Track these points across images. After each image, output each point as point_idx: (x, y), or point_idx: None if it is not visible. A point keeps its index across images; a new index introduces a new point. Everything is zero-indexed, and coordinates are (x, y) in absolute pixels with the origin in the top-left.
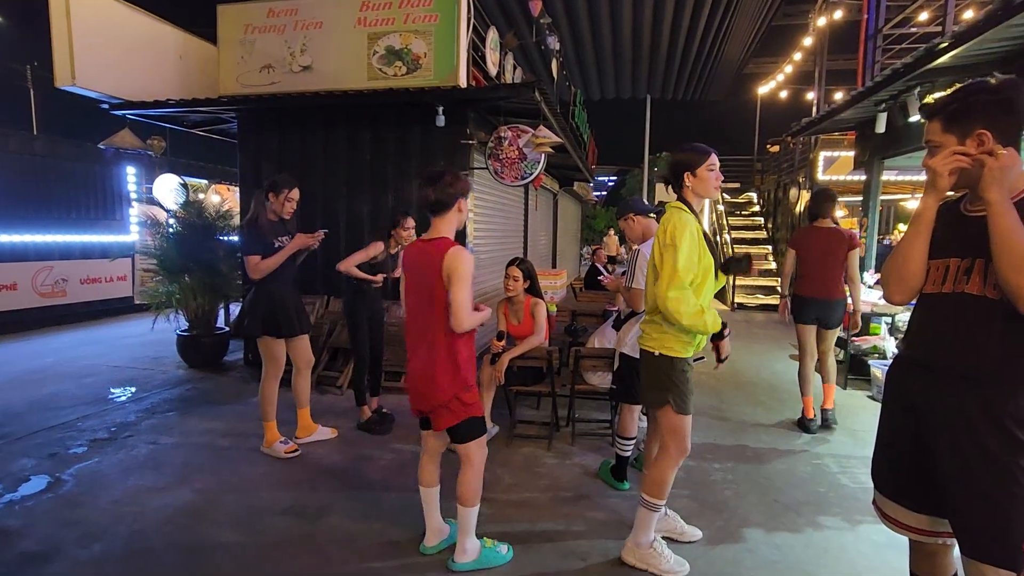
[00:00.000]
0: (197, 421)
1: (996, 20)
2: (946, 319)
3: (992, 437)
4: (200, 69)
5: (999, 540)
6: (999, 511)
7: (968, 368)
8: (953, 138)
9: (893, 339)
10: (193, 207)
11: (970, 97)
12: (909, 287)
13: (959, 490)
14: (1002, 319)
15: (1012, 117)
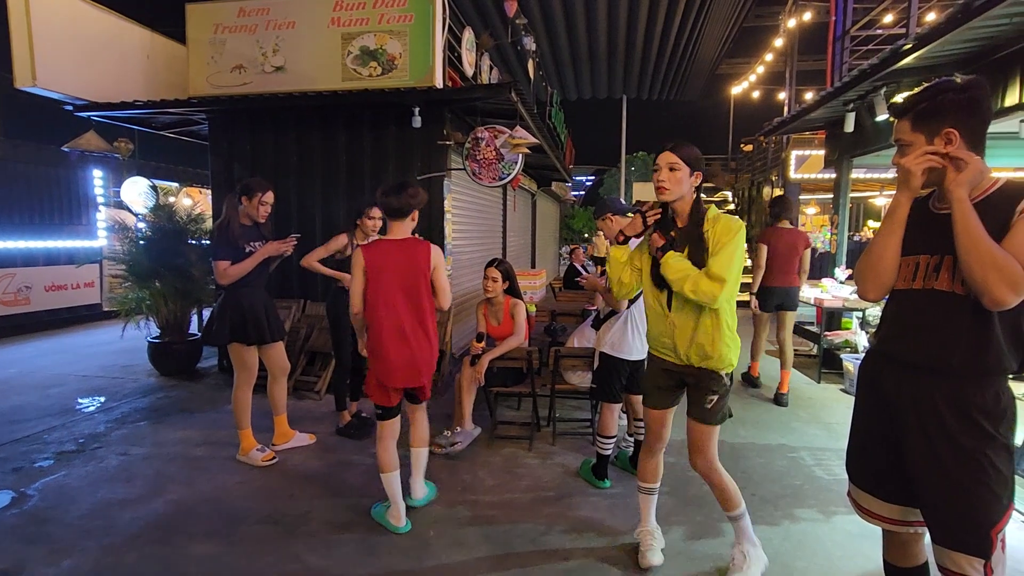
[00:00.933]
0: (170, 430)
1: (957, 23)
2: (916, 314)
3: (961, 428)
4: (168, 69)
5: (969, 528)
6: (968, 500)
7: (937, 362)
8: (922, 136)
9: (864, 333)
10: (163, 211)
11: (938, 96)
12: (882, 283)
13: (930, 480)
14: (970, 314)
15: (978, 116)
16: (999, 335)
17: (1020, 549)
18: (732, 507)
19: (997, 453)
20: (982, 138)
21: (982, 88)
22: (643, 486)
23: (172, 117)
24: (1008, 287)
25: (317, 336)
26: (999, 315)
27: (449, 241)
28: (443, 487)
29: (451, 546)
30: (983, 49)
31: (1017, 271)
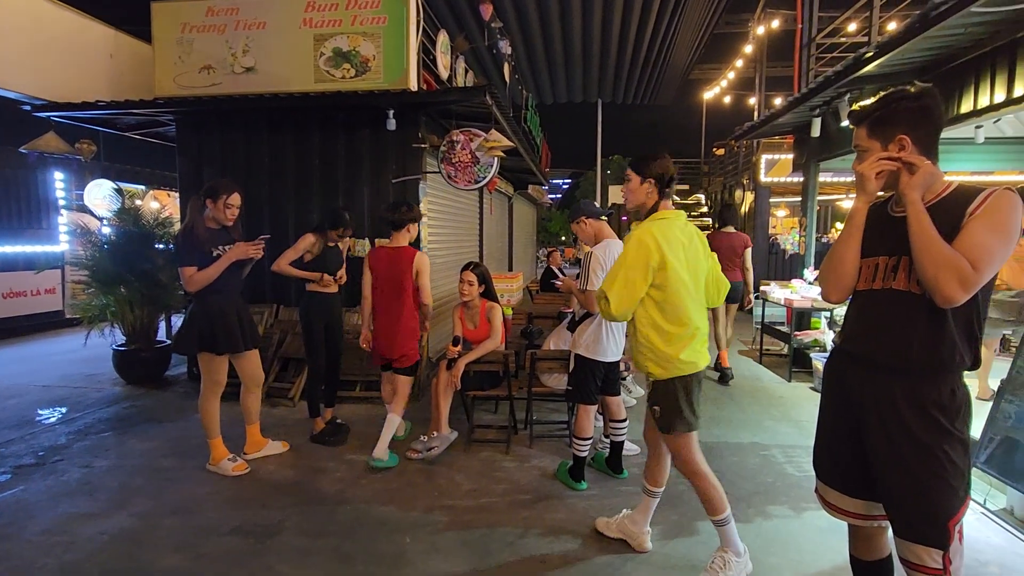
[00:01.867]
0: (136, 441)
1: (915, 32)
2: (876, 314)
3: (919, 424)
4: (133, 69)
5: (928, 521)
6: (927, 493)
7: (896, 359)
8: (877, 143)
9: (832, 332)
10: (129, 214)
11: (892, 104)
12: (844, 286)
13: (890, 475)
14: (926, 313)
15: (929, 123)
16: (953, 332)
17: (977, 539)
18: (714, 512)
19: (953, 447)
20: (934, 144)
21: (933, 97)
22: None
23: (137, 118)
24: (958, 284)
25: (291, 342)
26: (953, 313)
27: (425, 244)
28: (419, 493)
29: (428, 552)
30: (940, 57)
31: (966, 269)
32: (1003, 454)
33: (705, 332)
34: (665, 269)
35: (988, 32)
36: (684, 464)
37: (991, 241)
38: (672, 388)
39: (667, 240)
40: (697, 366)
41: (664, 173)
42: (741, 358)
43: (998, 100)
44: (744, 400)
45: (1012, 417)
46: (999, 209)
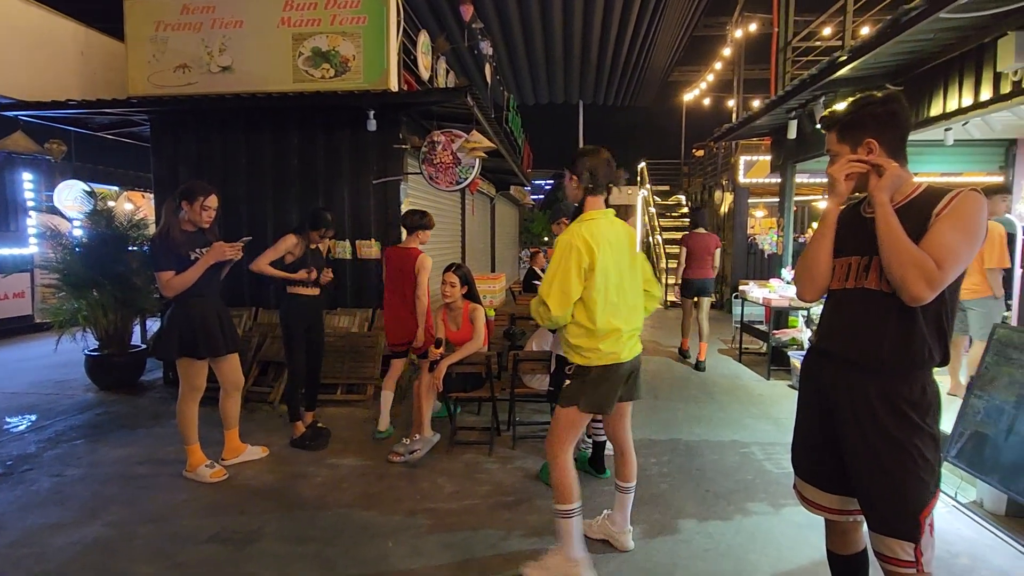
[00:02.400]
0: (109, 448)
1: (886, 37)
2: (849, 313)
3: (891, 419)
4: (105, 67)
5: (900, 515)
6: (899, 488)
7: (869, 357)
8: (847, 147)
9: (809, 331)
10: (102, 216)
11: (860, 110)
12: (817, 285)
13: (864, 470)
14: (897, 311)
15: (896, 127)
16: (924, 330)
17: (948, 531)
18: (557, 500)
19: (924, 442)
20: (902, 147)
21: (899, 102)
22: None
23: (110, 117)
24: (924, 283)
25: (270, 345)
26: (923, 311)
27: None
28: (402, 496)
29: (410, 556)
30: (911, 62)
31: (931, 268)
32: (973, 448)
33: (631, 330)
34: (593, 270)
35: (956, 38)
36: (552, 439)
37: (956, 241)
38: (587, 372)
39: (596, 241)
40: (619, 357)
41: (592, 170)
42: (721, 357)
43: (965, 104)
44: (724, 399)
45: (981, 412)
46: (964, 209)
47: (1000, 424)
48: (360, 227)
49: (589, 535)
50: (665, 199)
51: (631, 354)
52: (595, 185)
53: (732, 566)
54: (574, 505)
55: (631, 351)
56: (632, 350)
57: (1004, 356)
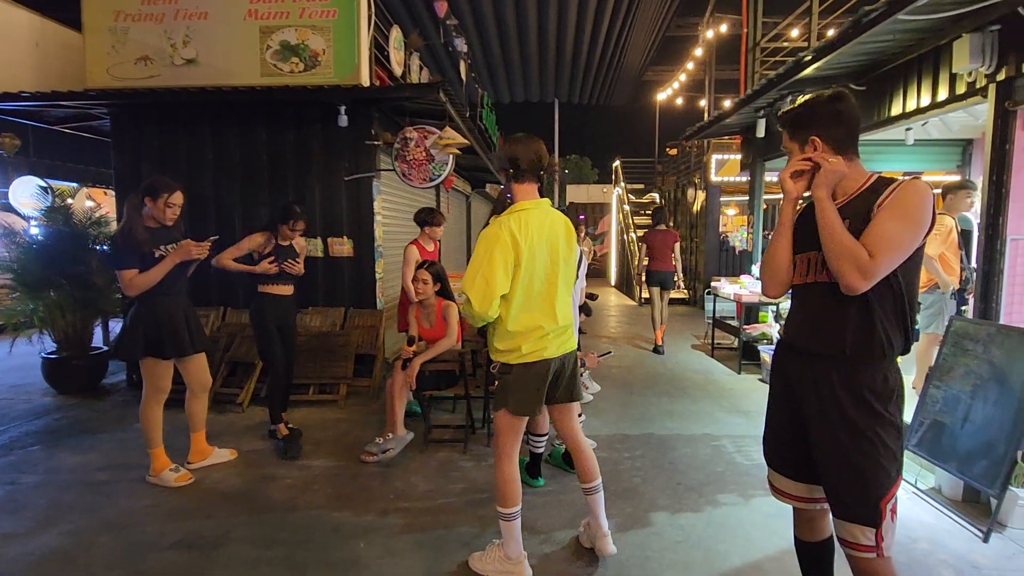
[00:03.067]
0: (68, 454)
1: (848, 38)
2: (810, 306)
3: (853, 408)
4: (62, 59)
5: (861, 501)
6: (860, 474)
7: (831, 348)
8: (796, 145)
9: (778, 326)
10: (59, 213)
11: (807, 109)
12: (779, 281)
13: (828, 457)
14: (854, 303)
15: (841, 125)
16: (882, 320)
17: (908, 518)
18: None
19: (886, 430)
20: (848, 143)
21: (843, 100)
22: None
23: (68, 110)
24: (857, 273)
25: (239, 345)
26: (880, 302)
27: (379, 243)
28: (375, 496)
29: (383, 556)
30: (872, 63)
31: (863, 258)
32: (932, 437)
33: (560, 328)
34: (519, 266)
35: (914, 40)
36: (495, 444)
37: (891, 230)
38: (509, 371)
39: (523, 234)
40: (541, 355)
41: (516, 158)
42: (694, 352)
43: (924, 104)
44: (696, 393)
45: (940, 402)
46: (903, 199)
47: (957, 413)
48: (332, 225)
49: (583, 543)
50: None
51: (559, 351)
52: (518, 172)
53: (702, 556)
54: (514, 509)
55: (559, 348)
56: (561, 347)
57: (961, 348)
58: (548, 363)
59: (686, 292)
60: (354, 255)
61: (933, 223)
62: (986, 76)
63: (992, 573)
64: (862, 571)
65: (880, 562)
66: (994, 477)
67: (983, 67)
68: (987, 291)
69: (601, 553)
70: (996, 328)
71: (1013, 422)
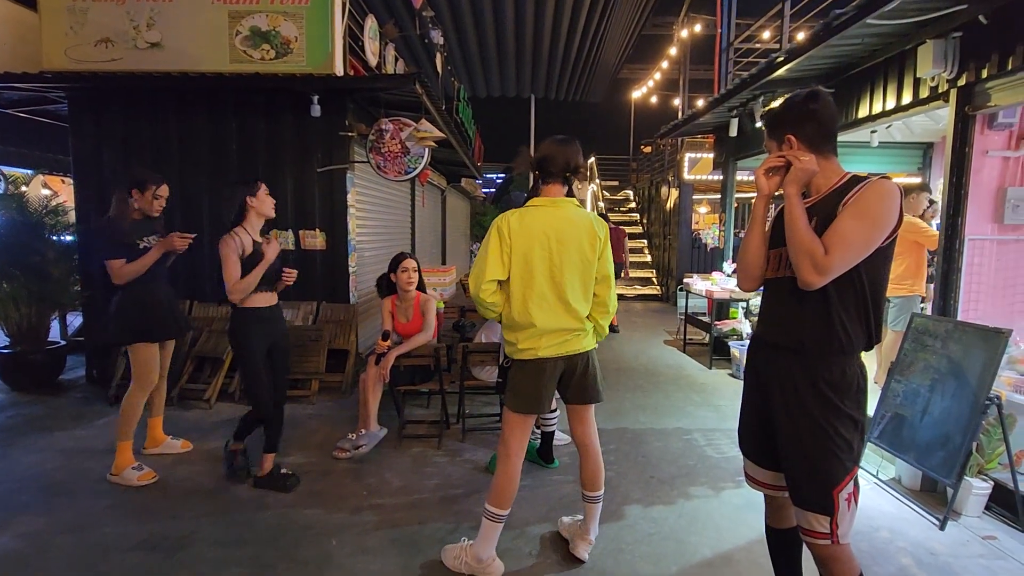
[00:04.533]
0: (22, 453)
1: (819, 40)
2: (777, 300)
3: (811, 399)
4: (15, 38)
5: (816, 489)
6: (814, 463)
7: (793, 341)
8: (773, 143)
9: (748, 322)
10: (13, 201)
11: (783, 108)
12: (751, 275)
13: (788, 446)
14: (815, 298)
15: (814, 124)
16: (841, 315)
17: (870, 507)
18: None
19: (842, 422)
20: (824, 142)
21: (817, 100)
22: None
23: (21, 93)
24: (811, 268)
25: (206, 340)
26: (840, 297)
27: (353, 237)
28: (347, 493)
29: (355, 554)
30: (841, 65)
31: (819, 254)
32: (892, 430)
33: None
34: (512, 257)
35: (881, 44)
36: (502, 440)
37: (850, 228)
38: (513, 369)
39: (523, 227)
40: (536, 353)
41: (544, 159)
42: (666, 348)
43: (889, 107)
44: (669, 388)
45: (900, 395)
46: (865, 199)
47: (916, 406)
48: (304, 217)
49: (560, 531)
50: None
51: (561, 351)
52: (545, 173)
53: (674, 548)
54: (504, 512)
55: (562, 348)
56: (564, 347)
57: (921, 343)
58: (545, 362)
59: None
60: (327, 248)
61: (900, 223)
62: (948, 81)
63: (948, 559)
64: (820, 557)
65: (836, 548)
66: (951, 467)
67: (945, 72)
68: (946, 289)
69: (574, 551)
70: (954, 324)
71: (968, 415)
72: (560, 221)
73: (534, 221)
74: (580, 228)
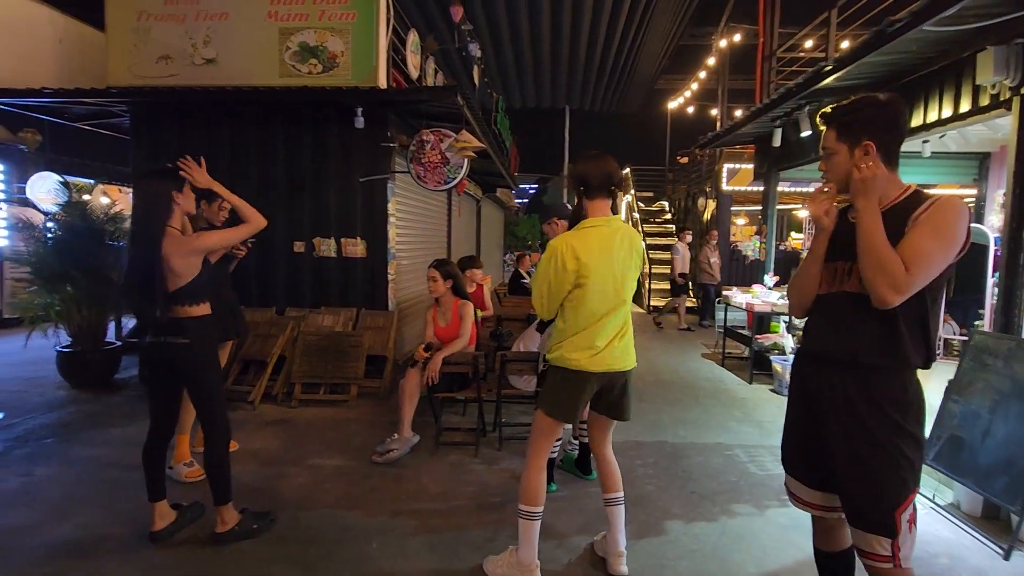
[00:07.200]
0: (82, 448)
1: (872, 47)
2: (832, 314)
3: (869, 416)
4: (84, 57)
5: (875, 509)
6: (874, 483)
7: (846, 356)
8: (845, 146)
9: (791, 336)
10: (77, 208)
11: (862, 110)
12: (803, 305)
13: (843, 465)
14: (876, 313)
15: (894, 131)
16: (903, 331)
17: (927, 532)
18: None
19: (904, 441)
20: (896, 151)
21: (898, 105)
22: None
23: (88, 108)
24: (889, 286)
25: (251, 343)
26: (903, 313)
27: (392, 245)
28: (386, 497)
29: (394, 558)
30: (892, 73)
31: (899, 272)
32: (950, 452)
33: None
34: (572, 277)
35: (937, 51)
36: (530, 440)
37: (927, 246)
38: (554, 376)
39: (581, 250)
40: (581, 365)
41: (585, 177)
42: (704, 361)
43: (945, 115)
44: (708, 402)
45: (957, 417)
46: (940, 215)
47: (976, 428)
48: (346, 225)
49: (596, 552)
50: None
51: (605, 367)
52: (588, 189)
53: (718, 567)
54: (537, 508)
55: (606, 364)
56: (608, 363)
57: (980, 362)
58: (587, 376)
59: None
60: (367, 256)
61: (967, 242)
62: (1010, 89)
63: None
64: None
65: (898, 572)
66: (1015, 494)
67: (1007, 80)
68: (1008, 304)
69: (612, 571)
70: (1017, 343)
71: None
72: (615, 239)
73: (588, 242)
74: (633, 248)
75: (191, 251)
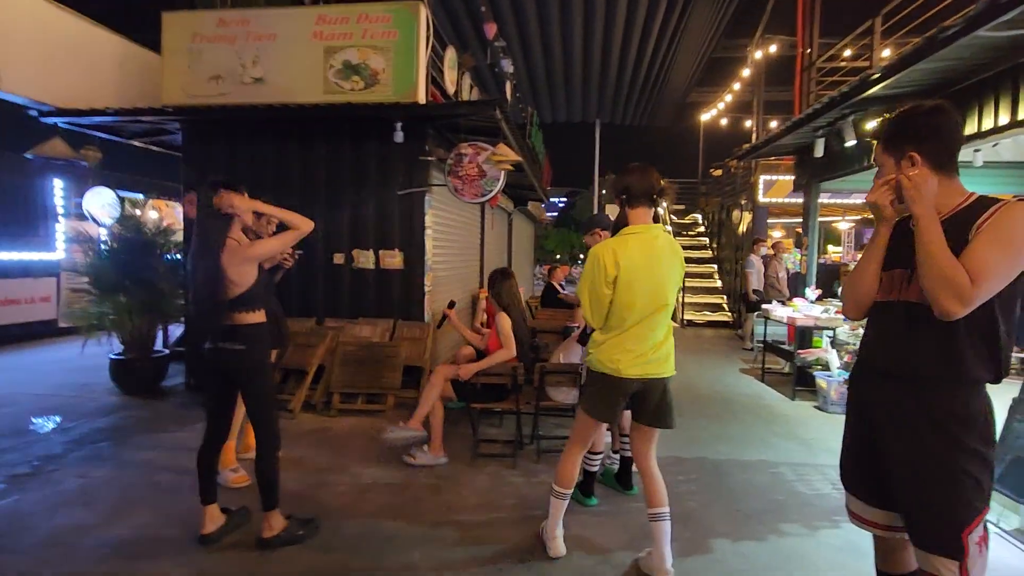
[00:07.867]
0: (133, 451)
1: (923, 54)
2: (890, 325)
3: (930, 434)
4: (141, 78)
5: (940, 531)
6: (938, 502)
7: (905, 369)
8: (891, 158)
9: (835, 352)
10: (130, 222)
11: (905, 121)
12: (860, 303)
13: (904, 483)
14: (937, 324)
15: (939, 140)
16: (965, 344)
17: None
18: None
19: (968, 458)
20: (948, 158)
21: (944, 113)
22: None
23: (144, 126)
24: (954, 298)
25: (292, 352)
26: (967, 325)
27: (429, 257)
28: (426, 507)
29: (438, 569)
30: (943, 81)
31: (964, 283)
32: (1017, 474)
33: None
34: (616, 285)
35: (991, 57)
36: (572, 433)
37: (992, 255)
38: (593, 377)
39: (621, 256)
40: (618, 371)
41: (627, 187)
42: (742, 376)
43: (1002, 123)
44: (747, 418)
45: (1023, 437)
46: (1005, 222)
47: None
48: (384, 237)
49: (642, 570)
50: (682, 218)
51: (643, 372)
52: (630, 198)
53: None
54: (567, 490)
55: (644, 370)
56: (646, 369)
57: None
58: (623, 381)
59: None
60: (404, 268)
61: None
62: None
63: None
64: None
65: None
66: None
67: None
68: None
69: None
70: None
71: None
72: (656, 247)
73: (628, 249)
74: (674, 256)
75: (245, 259)
